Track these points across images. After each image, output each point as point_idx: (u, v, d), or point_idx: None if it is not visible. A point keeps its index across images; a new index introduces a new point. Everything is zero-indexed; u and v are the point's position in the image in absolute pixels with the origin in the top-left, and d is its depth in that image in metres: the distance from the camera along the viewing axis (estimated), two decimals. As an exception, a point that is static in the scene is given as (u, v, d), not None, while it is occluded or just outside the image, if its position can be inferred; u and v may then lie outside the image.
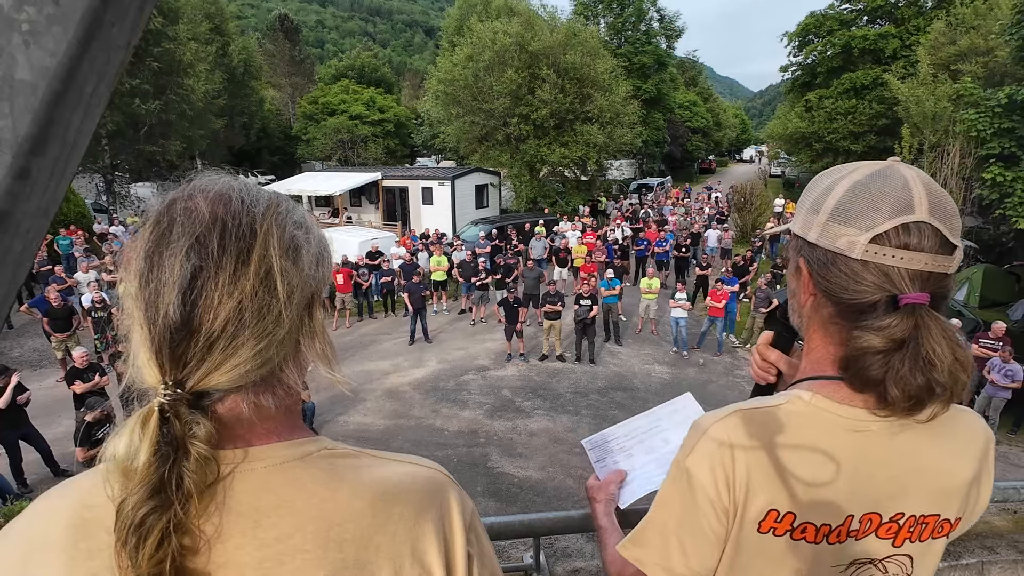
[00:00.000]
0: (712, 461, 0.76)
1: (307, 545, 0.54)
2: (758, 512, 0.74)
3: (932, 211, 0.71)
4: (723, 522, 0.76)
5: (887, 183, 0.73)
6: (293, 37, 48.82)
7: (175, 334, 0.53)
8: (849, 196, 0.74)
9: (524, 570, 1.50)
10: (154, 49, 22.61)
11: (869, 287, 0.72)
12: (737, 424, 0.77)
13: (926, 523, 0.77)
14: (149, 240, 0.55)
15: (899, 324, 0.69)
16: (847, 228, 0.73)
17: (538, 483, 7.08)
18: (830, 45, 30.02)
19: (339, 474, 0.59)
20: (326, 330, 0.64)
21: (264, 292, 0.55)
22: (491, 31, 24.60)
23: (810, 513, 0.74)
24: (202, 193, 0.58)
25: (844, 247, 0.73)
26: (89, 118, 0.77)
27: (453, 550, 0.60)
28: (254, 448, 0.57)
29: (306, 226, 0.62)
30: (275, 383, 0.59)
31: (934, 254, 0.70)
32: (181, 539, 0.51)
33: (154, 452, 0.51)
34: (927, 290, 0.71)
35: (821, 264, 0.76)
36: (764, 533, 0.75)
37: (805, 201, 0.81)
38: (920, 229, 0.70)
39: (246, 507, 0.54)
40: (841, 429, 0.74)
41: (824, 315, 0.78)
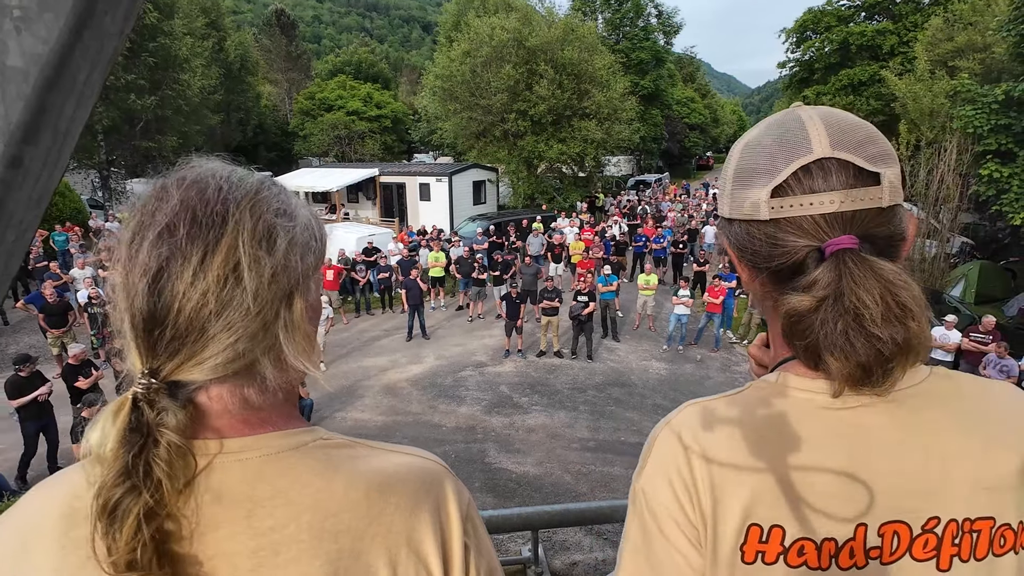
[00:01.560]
0: (666, 472, 0.62)
1: (302, 535, 0.54)
2: (736, 532, 0.58)
3: (835, 144, 0.60)
4: (699, 550, 0.61)
5: (780, 131, 0.64)
6: (289, 32, 48.56)
7: (146, 324, 0.53)
8: (746, 156, 0.66)
9: (523, 563, 1.50)
10: (149, 44, 22.46)
11: (789, 246, 0.61)
12: (690, 421, 0.65)
13: (977, 530, 0.57)
14: (130, 228, 0.55)
15: (823, 275, 0.58)
16: (750, 191, 0.64)
17: (536, 479, 7.09)
18: (828, 41, 29.99)
19: (335, 464, 0.58)
20: (309, 324, 0.62)
21: (233, 284, 0.53)
22: (488, 27, 24.51)
23: (803, 524, 0.57)
24: (178, 180, 0.57)
25: (751, 211, 0.63)
26: (82, 107, 0.76)
27: (450, 541, 0.60)
28: (243, 439, 0.57)
29: (290, 214, 0.60)
30: (257, 376, 0.57)
31: (848, 189, 0.59)
32: (162, 525, 0.50)
33: (121, 440, 0.51)
34: (853, 231, 0.59)
35: (739, 238, 0.67)
36: (751, 563, 0.58)
37: (720, 182, 0.72)
38: (823, 166, 0.60)
39: (240, 497, 0.54)
40: (820, 408, 0.60)
41: (767, 291, 0.67)
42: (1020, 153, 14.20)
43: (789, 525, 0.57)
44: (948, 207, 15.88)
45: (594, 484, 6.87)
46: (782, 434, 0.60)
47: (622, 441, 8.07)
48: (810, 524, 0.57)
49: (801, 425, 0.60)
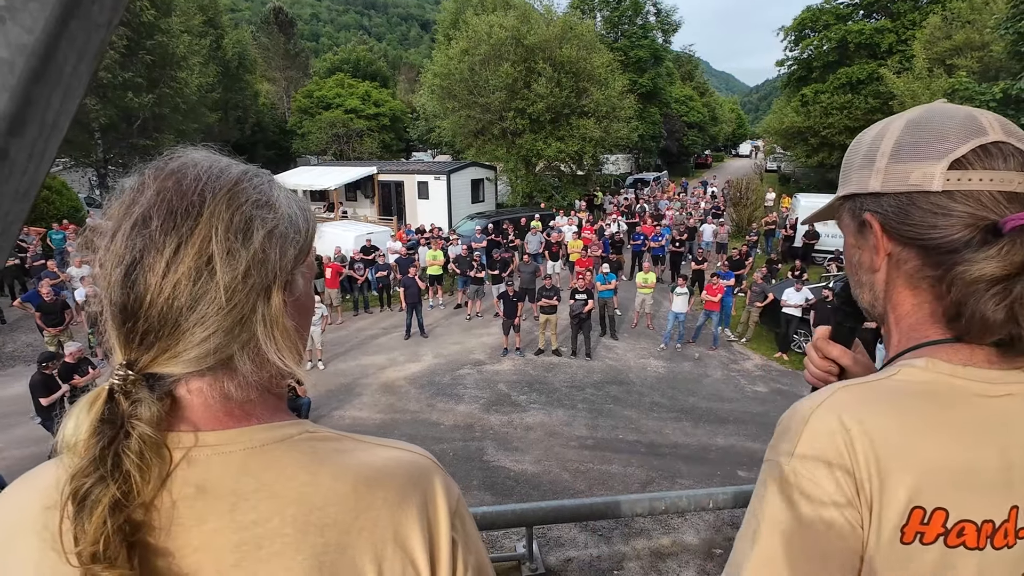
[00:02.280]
0: (825, 453, 0.60)
1: (286, 529, 0.53)
2: (899, 513, 0.58)
3: (1006, 132, 0.62)
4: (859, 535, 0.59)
5: (946, 112, 0.65)
6: (288, 30, 48.43)
7: (121, 316, 0.53)
8: (908, 133, 0.66)
9: (517, 560, 1.50)
10: (147, 42, 22.40)
11: (961, 218, 0.61)
12: (850, 402, 0.63)
13: None
14: (109, 220, 0.55)
15: (1014, 248, 0.57)
16: (920, 163, 0.63)
17: (534, 476, 7.10)
18: (826, 39, 29.98)
19: (320, 457, 0.58)
20: (291, 319, 0.60)
21: (207, 277, 0.53)
22: (487, 25, 24.46)
23: (964, 506, 0.58)
24: (157, 171, 0.57)
25: (919, 181, 0.63)
26: (69, 98, 0.76)
27: (437, 535, 0.59)
28: (226, 432, 0.56)
29: (271, 205, 0.59)
30: (237, 371, 0.57)
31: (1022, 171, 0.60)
32: (132, 517, 0.50)
33: (93, 430, 0.51)
34: None
35: (897, 210, 0.65)
36: (909, 543, 0.58)
37: (853, 160, 0.71)
38: (1001, 148, 0.61)
39: (224, 490, 0.54)
40: (974, 395, 0.61)
41: (910, 270, 0.66)
42: (1018, 151, 14.22)
43: (953, 508, 0.58)
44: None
45: (592, 482, 6.88)
46: (944, 420, 0.60)
47: (620, 439, 8.08)
48: (972, 506, 0.58)
49: (960, 411, 0.61)
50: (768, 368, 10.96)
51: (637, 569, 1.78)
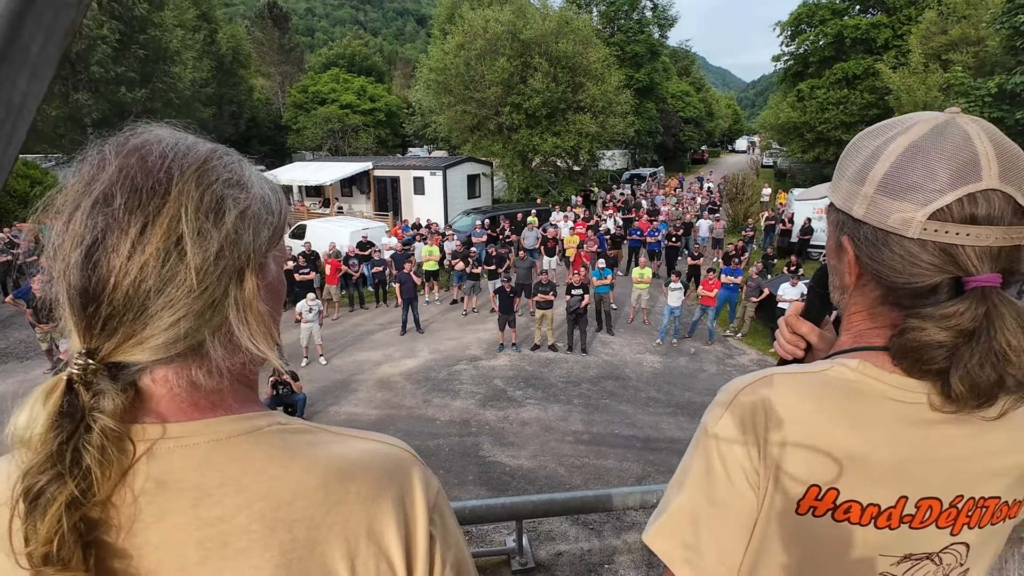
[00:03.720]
0: (742, 428, 0.68)
1: (253, 525, 0.51)
2: (796, 488, 0.66)
3: (1004, 175, 0.60)
4: (758, 497, 0.68)
5: (946, 143, 0.62)
6: (282, 25, 48.15)
7: (81, 300, 0.50)
8: (901, 162, 0.64)
9: (507, 554, 1.48)
10: (139, 36, 22.24)
11: (928, 269, 0.62)
12: (771, 386, 0.70)
13: (986, 507, 0.68)
14: (65, 198, 0.52)
15: (967, 312, 0.59)
16: (900, 203, 0.63)
17: (529, 471, 7.09)
18: (822, 35, 29.99)
19: (292, 450, 0.55)
20: (264, 304, 0.58)
21: (175, 259, 0.50)
22: (483, 19, 24.38)
23: (856, 490, 0.65)
24: (118, 147, 0.53)
25: (897, 225, 0.63)
26: (37, 80, 0.73)
27: (414, 531, 0.57)
28: (191, 423, 0.54)
29: (243, 184, 0.56)
30: (206, 357, 0.54)
31: (1006, 226, 0.59)
32: (89, 516, 0.47)
33: (50, 424, 0.47)
34: (997, 268, 0.60)
35: (870, 244, 0.67)
36: (803, 514, 0.66)
37: (847, 168, 0.70)
38: (989, 199, 0.59)
39: (186, 484, 0.51)
40: (892, 400, 0.66)
41: (871, 299, 0.70)
42: (1012, 146, 14.28)
43: (844, 489, 0.65)
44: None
45: (588, 477, 6.88)
46: (854, 415, 0.66)
47: (616, 434, 8.08)
48: (862, 490, 0.65)
49: (871, 410, 0.66)
50: (764, 363, 10.97)
51: (628, 563, 1.76)
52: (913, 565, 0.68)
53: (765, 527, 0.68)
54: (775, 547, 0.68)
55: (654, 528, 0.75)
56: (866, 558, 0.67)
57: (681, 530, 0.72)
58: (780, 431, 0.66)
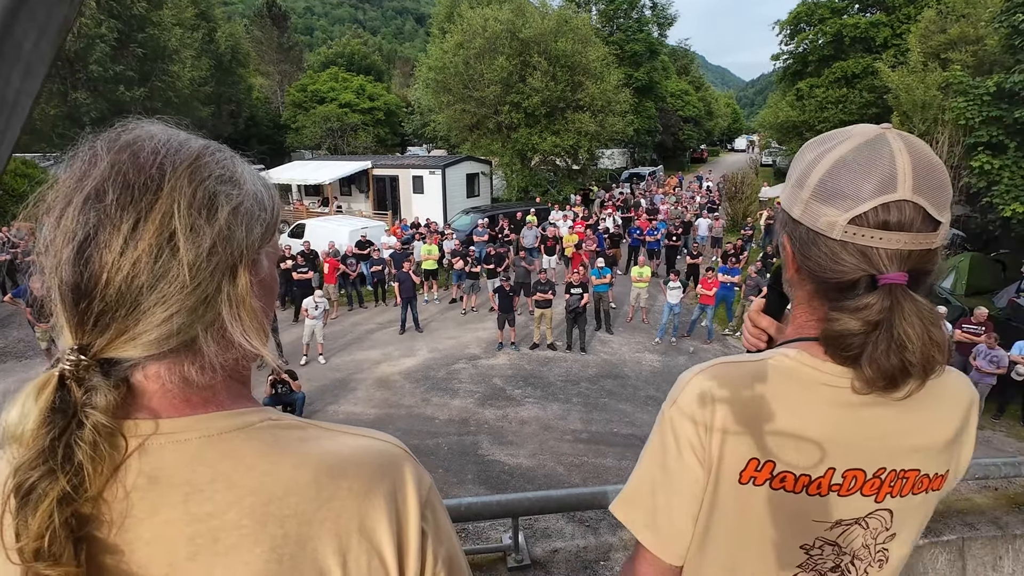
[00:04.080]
0: (691, 409, 0.78)
1: (244, 520, 0.51)
2: (738, 461, 0.75)
3: (917, 187, 0.69)
4: (705, 469, 0.77)
5: (872, 157, 0.71)
6: (281, 24, 48.07)
7: (73, 296, 0.50)
8: (832, 172, 0.73)
9: (502, 551, 1.48)
10: (138, 35, 22.21)
11: (848, 267, 0.72)
12: (718, 374, 0.79)
13: (906, 478, 0.78)
14: (56, 194, 0.52)
15: (875, 305, 0.69)
16: (828, 208, 0.72)
17: (528, 470, 7.10)
18: (821, 33, 29.97)
19: (283, 446, 0.55)
20: (257, 300, 0.58)
21: (168, 255, 0.50)
22: (482, 18, 24.35)
23: (789, 462, 0.74)
24: (110, 143, 0.53)
25: (824, 228, 0.73)
26: (31, 77, 0.72)
27: (406, 526, 0.57)
28: (183, 419, 0.54)
29: (235, 181, 0.57)
30: (199, 353, 0.54)
31: (915, 233, 0.69)
32: (80, 511, 0.47)
33: (43, 420, 0.47)
34: (906, 268, 0.70)
35: (803, 242, 0.77)
36: (744, 484, 0.75)
37: (792, 173, 0.80)
38: (900, 208, 0.69)
39: (177, 480, 0.51)
40: (823, 384, 0.75)
41: (807, 291, 0.80)
42: (1011, 145, 14.25)
43: (779, 461, 0.75)
44: (940, 199, 15.93)
45: (587, 475, 6.89)
46: (789, 397, 0.76)
47: (615, 433, 8.09)
48: (794, 463, 0.75)
49: (804, 393, 0.76)
50: (762, 361, 10.98)
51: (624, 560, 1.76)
52: (844, 529, 0.78)
53: (713, 496, 0.78)
54: (722, 514, 0.78)
55: (618, 499, 0.86)
56: (802, 523, 0.77)
57: (641, 500, 0.83)
58: (725, 412, 0.76)
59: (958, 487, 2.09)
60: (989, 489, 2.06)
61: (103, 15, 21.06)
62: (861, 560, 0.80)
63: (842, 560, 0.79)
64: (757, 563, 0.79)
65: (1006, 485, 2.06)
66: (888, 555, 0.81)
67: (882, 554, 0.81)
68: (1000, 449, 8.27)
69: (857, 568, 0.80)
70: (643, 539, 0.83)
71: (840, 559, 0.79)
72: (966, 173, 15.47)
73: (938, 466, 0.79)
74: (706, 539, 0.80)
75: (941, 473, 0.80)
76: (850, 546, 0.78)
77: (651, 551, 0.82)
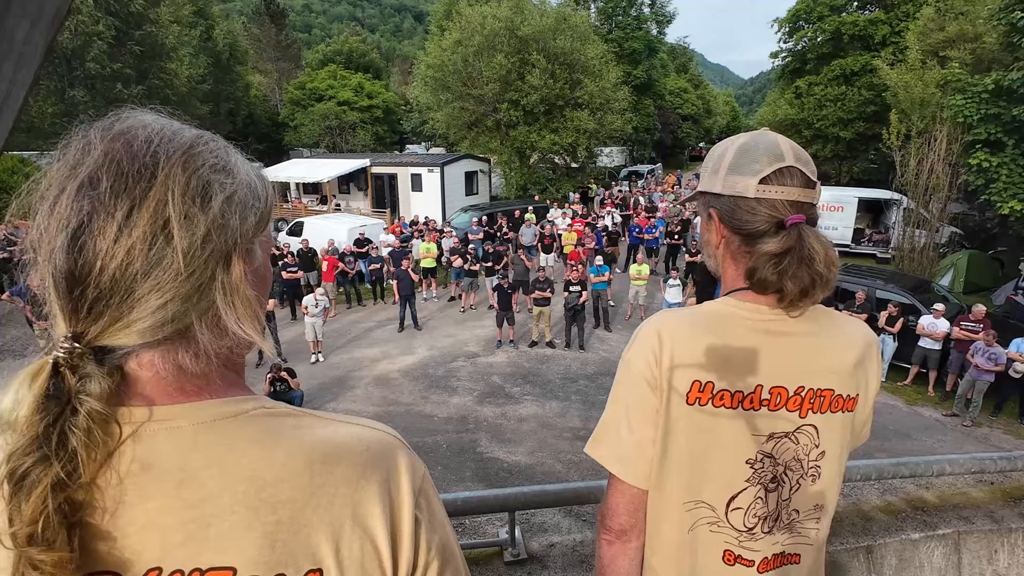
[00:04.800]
0: (644, 348, 0.96)
1: (237, 507, 0.51)
2: (684, 384, 0.92)
3: (796, 158, 0.95)
4: (658, 396, 0.93)
5: (763, 141, 0.97)
6: (279, 21, 47.94)
7: (67, 282, 0.50)
8: (739, 154, 0.97)
9: (499, 545, 1.48)
10: (135, 32, 22.15)
11: (763, 217, 0.93)
12: (663, 319, 0.98)
13: (823, 396, 0.94)
14: (49, 182, 0.52)
15: (787, 238, 0.91)
16: (742, 178, 0.95)
17: (527, 468, 7.11)
18: (820, 31, 29.91)
19: (276, 433, 0.55)
20: (252, 289, 0.58)
21: (162, 242, 0.50)
22: (480, 15, 24.29)
23: (725, 380, 0.91)
24: (103, 131, 0.54)
25: (742, 190, 0.95)
26: (24, 68, 0.72)
27: (399, 514, 0.57)
28: (176, 406, 0.54)
29: (229, 170, 0.57)
30: (193, 341, 0.55)
31: (803, 188, 0.94)
32: (73, 497, 0.47)
33: (36, 407, 0.48)
34: (802, 214, 0.93)
35: (727, 208, 0.98)
36: (691, 404, 0.91)
37: (707, 168, 1.03)
38: (791, 171, 0.94)
39: (171, 466, 0.51)
40: (746, 319, 0.95)
41: (733, 248, 0.99)
42: (1009, 142, 14.26)
43: (717, 381, 0.92)
44: (938, 197, 15.93)
45: (585, 472, 6.89)
46: (720, 331, 0.94)
47: (613, 430, 8.10)
48: (729, 381, 0.92)
49: (733, 326, 0.95)
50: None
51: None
52: (777, 442, 0.93)
53: (667, 419, 0.93)
54: (676, 434, 0.93)
55: (590, 440, 1.02)
56: (743, 438, 0.92)
57: (608, 437, 0.99)
58: (670, 346, 0.93)
59: (954, 481, 2.09)
60: (984, 484, 2.07)
61: (100, 12, 20.99)
62: (793, 471, 0.94)
63: (777, 470, 0.93)
64: (711, 479, 0.93)
65: (1001, 480, 2.08)
66: (820, 471, 0.96)
67: (815, 470, 0.95)
68: (997, 446, 8.29)
69: (791, 478, 0.94)
70: (613, 469, 0.97)
71: (776, 469, 0.93)
72: (964, 171, 15.47)
73: (849, 388, 0.96)
74: (665, 462, 0.94)
75: (852, 395, 0.96)
76: (783, 457, 0.93)
77: (620, 478, 0.97)
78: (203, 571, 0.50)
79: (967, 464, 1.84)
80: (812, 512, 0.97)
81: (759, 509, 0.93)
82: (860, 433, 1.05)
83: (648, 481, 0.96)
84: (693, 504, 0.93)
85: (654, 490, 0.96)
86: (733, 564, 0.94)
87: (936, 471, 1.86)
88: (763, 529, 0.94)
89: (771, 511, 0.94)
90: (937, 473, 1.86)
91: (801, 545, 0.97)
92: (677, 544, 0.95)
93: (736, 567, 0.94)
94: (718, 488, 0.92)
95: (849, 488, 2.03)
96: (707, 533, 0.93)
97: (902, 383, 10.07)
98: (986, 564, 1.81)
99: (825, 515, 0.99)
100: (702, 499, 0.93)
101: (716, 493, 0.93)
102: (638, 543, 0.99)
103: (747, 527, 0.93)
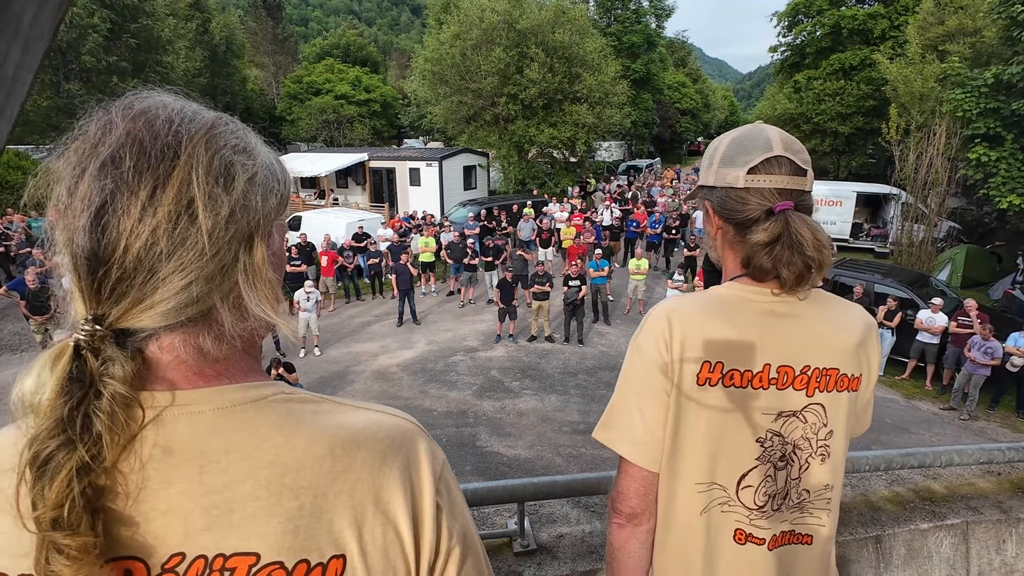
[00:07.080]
0: (654, 332, 0.97)
1: (259, 492, 0.50)
2: (694, 366, 0.93)
3: (785, 148, 0.97)
4: (668, 378, 0.95)
5: (754, 133, 1.00)
6: (276, 14, 47.69)
7: (89, 263, 0.49)
8: (730, 147, 1.01)
9: (508, 536, 1.48)
10: (131, 25, 22.00)
11: (752, 206, 0.96)
12: (671, 305, 1.00)
13: (829, 375, 0.96)
14: (69, 162, 0.51)
15: (777, 224, 0.93)
16: (732, 169, 0.99)
17: (527, 461, 7.12)
18: (819, 25, 29.87)
19: (297, 419, 0.55)
20: (270, 271, 0.58)
21: (186, 222, 0.50)
22: (478, 9, 24.18)
23: (734, 360, 0.93)
24: (124, 110, 0.52)
25: (732, 181, 0.98)
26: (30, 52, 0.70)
27: (421, 500, 0.56)
28: (197, 391, 0.53)
29: (249, 151, 0.57)
30: (215, 324, 0.54)
31: (791, 176, 0.96)
32: (96, 482, 0.46)
33: (59, 390, 0.47)
34: (791, 201, 0.95)
35: (720, 199, 1.01)
36: (702, 385, 0.93)
37: (703, 162, 1.07)
38: (779, 161, 0.96)
39: (192, 451, 0.50)
40: (752, 301, 0.97)
41: (729, 238, 1.02)
42: (1008, 137, 14.27)
43: (727, 361, 0.94)
44: (936, 191, 15.95)
45: (585, 466, 6.91)
46: (727, 313, 0.97)
47: (613, 424, 8.12)
48: (738, 361, 0.94)
49: (740, 308, 0.97)
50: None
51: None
52: (786, 421, 0.95)
53: (678, 399, 0.95)
54: (687, 415, 0.94)
55: (598, 426, 1.03)
56: (752, 415, 0.94)
57: (618, 421, 1.00)
58: (679, 329, 0.95)
59: (962, 471, 2.09)
60: (992, 474, 2.07)
61: (95, 5, 20.84)
62: (802, 450, 0.96)
63: (786, 449, 0.95)
64: (723, 459, 0.94)
65: (1009, 470, 2.08)
66: (830, 451, 0.97)
67: (824, 449, 0.97)
68: (995, 440, 8.33)
69: (800, 457, 0.96)
70: (623, 452, 0.98)
71: (784, 448, 0.95)
72: (963, 165, 15.48)
73: (853, 368, 0.98)
74: (676, 444, 0.95)
75: (856, 375, 0.99)
76: (791, 436, 0.95)
77: (631, 461, 0.98)
78: (227, 556, 0.49)
79: (975, 454, 1.84)
80: (823, 492, 0.98)
81: (768, 487, 0.95)
82: (861, 418, 1.06)
83: (658, 464, 0.97)
84: (706, 486, 0.94)
85: (665, 472, 0.97)
86: (744, 543, 0.95)
87: (944, 461, 1.86)
88: (772, 507, 0.95)
89: (779, 489, 0.95)
90: (945, 463, 1.86)
91: (813, 527, 0.98)
92: (689, 525, 0.96)
93: (747, 545, 0.95)
94: (729, 467, 0.94)
95: (857, 479, 2.03)
96: (719, 513, 0.95)
97: (900, 377, 10.11)
98: (994, 554, 1.81)
99: (835, 496, 1.00)
100: (715, 480, 0.94)
101: (728, 472, 0.94)
102: (649, 526, 1.00)
103: (757, 505, 0.95)
